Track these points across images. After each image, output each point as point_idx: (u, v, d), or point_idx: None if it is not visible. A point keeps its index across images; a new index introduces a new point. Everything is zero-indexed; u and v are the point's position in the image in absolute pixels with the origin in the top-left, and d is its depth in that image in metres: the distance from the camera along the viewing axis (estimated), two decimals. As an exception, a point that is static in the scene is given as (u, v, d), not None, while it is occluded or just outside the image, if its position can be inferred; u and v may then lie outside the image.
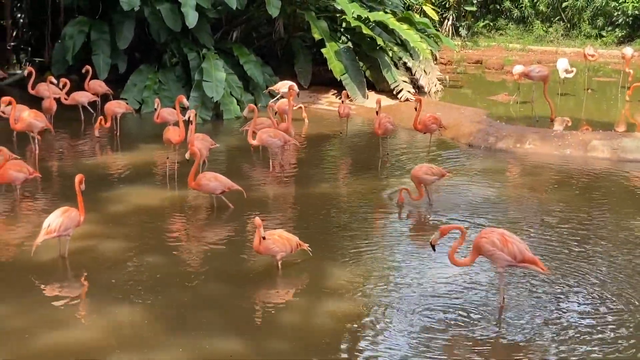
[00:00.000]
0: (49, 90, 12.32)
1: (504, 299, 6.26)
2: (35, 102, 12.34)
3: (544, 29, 24.61)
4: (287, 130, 10.86)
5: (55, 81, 12.56)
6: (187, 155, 8.95)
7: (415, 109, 11.05)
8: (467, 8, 24.63)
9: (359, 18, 15.36)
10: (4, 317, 5.96)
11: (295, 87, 13.35)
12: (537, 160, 11.16)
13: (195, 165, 8.55)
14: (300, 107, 13.26)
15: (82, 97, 12.91)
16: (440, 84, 17.02)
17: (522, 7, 24.90)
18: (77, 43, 14.49)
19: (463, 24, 24.67)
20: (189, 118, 9.54)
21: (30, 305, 6.18)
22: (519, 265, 6.21)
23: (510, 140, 11.76)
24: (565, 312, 6.21)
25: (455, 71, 20.49)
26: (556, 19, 24.71)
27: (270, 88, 14.46)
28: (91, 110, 12.99)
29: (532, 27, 24.78)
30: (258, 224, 6.62)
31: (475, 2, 24.79)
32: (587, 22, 24.12)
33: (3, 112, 10.61)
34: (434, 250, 6.31)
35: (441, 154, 11.67)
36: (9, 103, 10.47)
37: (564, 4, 24.30)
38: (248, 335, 5.80)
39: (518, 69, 15.12)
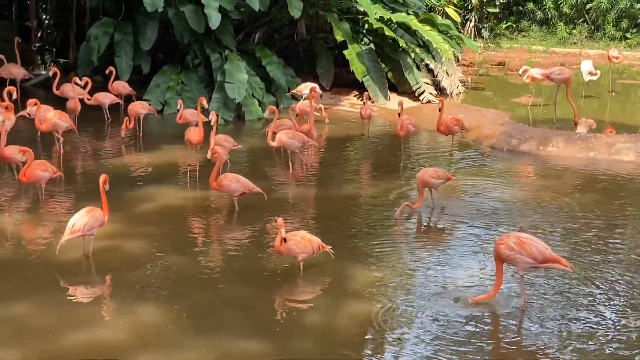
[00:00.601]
0: (74, 90, 12.43)
1: (525, 302, 6.23)
2: (59, 103, 12.46)
3: (568, 30, 24.41)
4: (309, 131, 10.88)
5: (80, 82, 12.67)
6: (208, 155, 9.01)
7: (440, 110, 11.02)
8: (489, 10, 24.49)
9: (381, 19, 15.34)
10: (29, 316, 6.03)
11: (318, 88, 13.36)
12: (560, 163, 11.07)
13: (217, 166, 8.59)
14: (320, 108, 13.26)
15: (105, 98, 13.00)
16: (462, 85, 16.95)
17: (545, 8, 24.71)
18: (102, 44, 14.61)
19: (485, 25, 24.54)
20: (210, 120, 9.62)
21: (55, 304, 6.24)
22: (542, 266, 6.19)
23: (533, 143, 11.68)
24: (587, 319, 6.16)
25: (477, 73, 20.39)
26: (580, 20, 24.50)
27: (292, 91, 14.49)
28: (107, 116, 13.04)
29: (556, 28, 24.58)
30: (281, 224, 6.64)
31: (497, 3, 24.65)
32: (611, 24, 23.89)
33: (29, 114, 10.75)
34: None
35: (463, 156, 11.62)
36: (34, 104, 10.60)
37: (588, 6, 24.09)
38: (270, 336, 5.82)
39: (530, 72, 14.98)
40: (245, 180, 8.52)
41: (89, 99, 12.77)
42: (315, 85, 13.74)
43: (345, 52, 15.37)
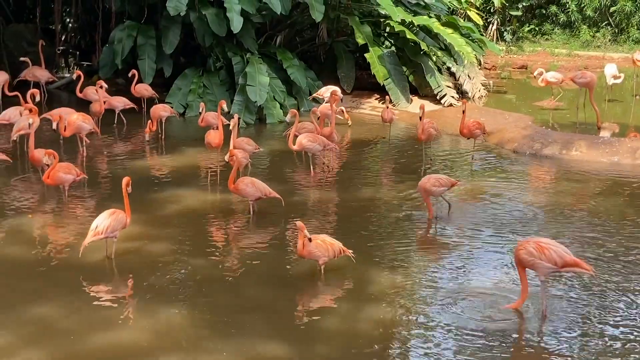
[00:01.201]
0: (98, 93, 12.51)
1: (546, 308, 6.18)
2: (82, 105, 12.59)
3: (591, 34, 24.21)
4: (330, 134, 10.88)
5: (105, 85, 12.72)
6: (226, 158, 9.05)
7: (463, 112, 10.96)
8: (512, 13, 24.37)
9: (403, 22, 15.31)
10: (51, 317, 6.07)
11: (339, 91, 13.37)
12: (584, 167, 10.97)
13: (234, 169, 8.61)
14: (342, 110, 13.28)
15: (118, 102, 13.02)
16: (484, 89, 16.86)
17: (568, 11, 24.53)
18: (125, 47, 14.72)
19: (508, 28, 24.43)
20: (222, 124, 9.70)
21: (77, 306, 6.29)
22: (562, 270, 6.15)
23: (556, 147, 11.59)
24: (608, 326, 6.09)
25: (499, 76, 20.29)
26: (604, 23, 24.29)
27: (314, 94, 14.52)
28: (116, 120, 13.09)
29: (579, 32, 24.40)
30: (301, 227, 6.65)
31: (520, 6, 24.52)
32: (635, 27, 23.65)
33: (54, 130, 10.65)
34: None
35: (485, 160, 11.57)
36: (58, 119, 10.53)
37: (612, 9, 23.88)
38: (291, 339, 5.82)
39: (544, 75, 14.83)
40: (262, 185, 8.51)
41: (104, 102, 12.80)
42: (336, 88, 13.75)
43: (366, 55, 15.36)
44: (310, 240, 6.70)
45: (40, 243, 7.74)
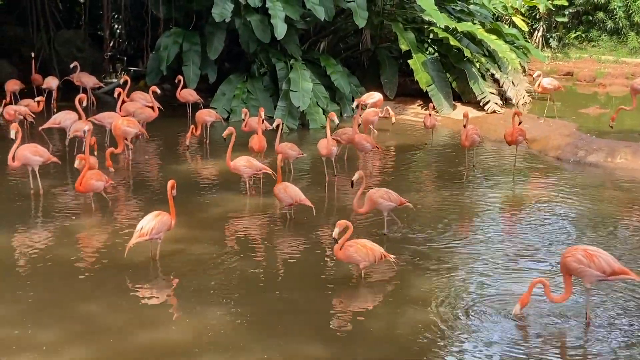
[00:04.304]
0: (145, 99, 12.71)
1: (589, 315, 6.13)
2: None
3: (639, 40, 23.83)
4: (365, 140, 10.93)
5: (158, 91, 12.86)
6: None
7: (520, 122, 10.93)
8: (558, 19, 24.13)
9: (446, 29, 15.30)
10: (97, 316, 6.21)
11: (365, 98, 13.64)
12: (629, 175, 10.82)
13: (279, 173, 8.68)
14: (387, 109, 13.64)
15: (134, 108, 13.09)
16: (528, 95, 16.74)
17: (616, 18, 24.19)
18: (171, 53, 14.97)
19: (554, 35, 24.19)
20: (265, 129, 9.85)
21: (122, 305, 6.42)
22: (610, 279, 6.08)
23: (600, 154, 11.46)
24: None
25: (544, 83, 20.08)
26: (652, 30, 23.92)
27: (356, 100, 14.60)
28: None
29: (627, 38, 24.04)
30: (338, 224, 6.75)
31: (566, 12, 24.25)
32: (685, 34, 23.26)
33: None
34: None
35: (529, 167, 11.50)
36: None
37: (661, 15, 23.50)
38: (332, 341, 5.86)
39: (540, 80, 14.68)
40: (294, 192, 8.50)
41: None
42: (371, 93, 13.97)
43: (409, 61, 15.38)
44: (336, 241, 6.75)
45: (87, 244, 7.92)
